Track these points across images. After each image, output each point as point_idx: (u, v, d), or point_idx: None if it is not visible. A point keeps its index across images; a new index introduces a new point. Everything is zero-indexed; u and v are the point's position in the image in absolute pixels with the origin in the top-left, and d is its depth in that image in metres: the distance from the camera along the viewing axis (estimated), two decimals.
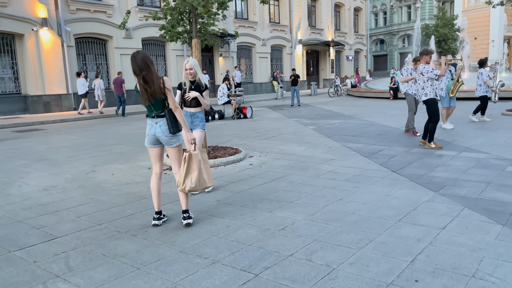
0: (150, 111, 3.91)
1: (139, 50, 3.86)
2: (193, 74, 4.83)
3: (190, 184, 3.90)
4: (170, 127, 3.86)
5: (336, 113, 14.41)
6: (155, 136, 3.92)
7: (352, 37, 37.89)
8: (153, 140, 3.96)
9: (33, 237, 3.78)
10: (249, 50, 27.62)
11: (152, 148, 4.02)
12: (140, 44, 20.59)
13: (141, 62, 3.70)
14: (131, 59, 3.75)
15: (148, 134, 3.96)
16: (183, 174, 3.89)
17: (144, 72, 3.70)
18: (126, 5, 19.76)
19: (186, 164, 3.90)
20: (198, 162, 3.95)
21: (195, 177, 3.90)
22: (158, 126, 3.87)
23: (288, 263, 3.08)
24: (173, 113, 3.86)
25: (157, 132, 3.89)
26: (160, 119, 3.87)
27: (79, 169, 6.74)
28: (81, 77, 16.28)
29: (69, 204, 4.80)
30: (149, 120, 3.94)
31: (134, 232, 3.84)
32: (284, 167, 6.34)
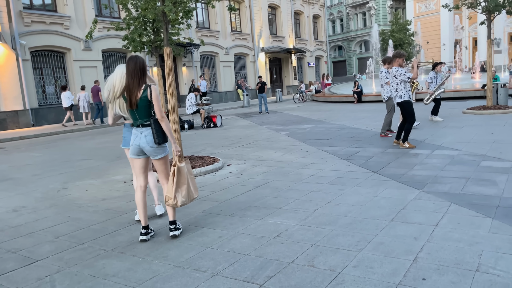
0: (134, 119, 3.72)
1: (137, 56, 3.72)
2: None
3: (181, 198, 3.77)
4: (155, 137, 3.69)
5: (305, 118, 14.54)
6: (139, 147, 3.74)
7: (312, 44, 38.64)
8: (137, 151, 3.78)
9: (11, 262, 3.48)
10: (212, 59, 27.51)
11: (136, 159, 3.83)
12: (100, 56, 20.03)
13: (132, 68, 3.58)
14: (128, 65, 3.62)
15: (132, 144, 3.77)
16: (172, 189, 3.73)
17: (131, 77, 3.57)
18: (83, 17, 19.19)
19: (176, 178, 3.74)
20: (185, 175, 3.81)
21: (184, 190, 3.78)
22: (143, 136, 3.70)
23: (291, 270, 2.99)
24: (159, 123, 3.70)
25: (142, 143, 3.72)
26: (145, 128, 3.70)
27: (48, 187, 6.36)
28: (67, 91, 16.72)
29: (44, 224, 4.49)
30: (134, 130, 3.75)
31: (122, 249, 3.62)
32: (265, 173, 6.27)
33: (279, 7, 33.49)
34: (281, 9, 33.63)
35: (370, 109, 16.01)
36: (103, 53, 20.24)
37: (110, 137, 12.73)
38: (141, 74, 3.62)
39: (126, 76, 3.64)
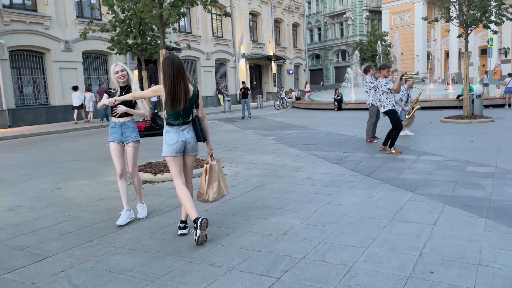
0: (176, 118, 3.74)
1: (174, 55, 3.81)
2: (125, 76, 4.34)
3: (212, 194, 3.93)
4: (200, 134, 3.85)
5: (288, 124, 14.76)
6: (184, 142, 3.78)
7: (292, 52, 39.18)
8: (180, 148, 3.79)
9: (20, 259, 3.47)
10: (193, 64, 27.51)
11: (176, 157, 3.81)
12: (80, 57, 19.73)
13: (180, 66, 3.62)
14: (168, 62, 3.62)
15: (176, 141, 3.74)
16: (205, 185, 3.90)
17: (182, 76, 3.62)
18: (64, 17, 18.90)
19: (208, 175, 3.90)
20: (217, 173, 3.95)
21: (216, 187, 3.94)
22: (186, 132, 3.78)
23: (304, 265, 3.11)
24: (201, 121, 3.85)
25: (188, 138, 3.78)
26: (185, 126, 3.78)
27: (40, 187, 6.28)
28: (78, 91, 17.88)
29: (45, 223, 4.46)
30: (174, 128, 3.76)
31: (131, 247, 3.66)
32: (259, 176, 6.39)
33: (260, 14, 33.86)
34: (262, 16, 34.01)
35: (351, 116, 16.41)
36: (83, 55, 19.94)
37: (94, 139, 12.57)
38: (186, 73, 3.70)
39: (174, 76, 3.58)
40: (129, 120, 4.42)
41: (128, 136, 4.39)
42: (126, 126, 4.39)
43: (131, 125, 4.41)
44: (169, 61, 3.63)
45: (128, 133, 4.39)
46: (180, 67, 3.63)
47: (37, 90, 18.35)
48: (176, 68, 3.60)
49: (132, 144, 4.38)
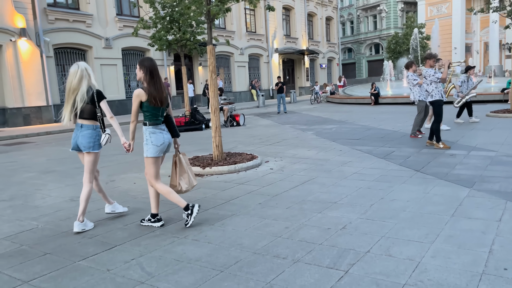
0: (157, 117, 4.01)
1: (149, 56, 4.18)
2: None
3: (184, 185, 4.21)
4: (174, 130, 4.19)
5: (326, 118, 14.65)
6: (167, 143, 4.10)
7: (324, 46, 38.75)
8: (165, 148, 4.10)
9: (91, 246, 3.64)
10: (227, 59, 27.70)
11: (159, 157, 4.12)
12: (120, 54, 20.26)
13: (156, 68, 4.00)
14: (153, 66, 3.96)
15: (163, 142, 4.02)
16: (176, 177, 4.20)
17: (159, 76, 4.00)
18: (105, 15, 19.43)
19: (178, 168, 4.20)
20: (185, 165, 4.22)
21: (186, 178, 4.24)
22: (166, 132, 4.09)
23: (369, 259, 3.11)
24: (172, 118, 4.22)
25: (169, 138, 4.12)
26: (163, 125, 4.07)
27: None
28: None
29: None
30: (158, 128, 4.01)
31: (194, 237, 3.77)
32: (306, 170, 6.39)
33: (293, 8, 33.64)
34: (295, 10, 33.78)
35: (389, 111, 16.10)
36: (122, 51, 20.46)
37: (136, 134, 12.89)
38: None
39: (156, 76, 3.93)
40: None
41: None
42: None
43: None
44: (151, 61, 4.00)
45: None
46: (157, 69, 4.01)
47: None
48: (156, 68, 3.99)
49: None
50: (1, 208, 5.05)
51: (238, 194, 5.21)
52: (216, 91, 7.12)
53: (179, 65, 23.77)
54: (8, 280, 3.05)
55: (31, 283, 2.98)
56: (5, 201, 5.39)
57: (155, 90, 3.90)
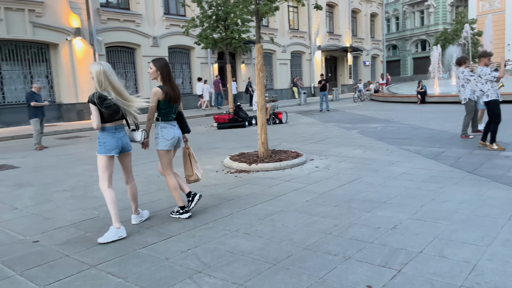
0: (170, 113, 4.26)
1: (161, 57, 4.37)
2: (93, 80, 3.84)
3: (198, 173, 4.69)
4: (185, 126, 4.54)
5: (370, 117, 14.42)
6: (178, 138, 4.36)
7: (368, 43, 37.96)
8: (175, 143, 4.36)
9: (149, 236, 3.85)
10: (269, 57, 27.78)
11: (170, 150, 4.39)
12: (166, 52, 20.83)
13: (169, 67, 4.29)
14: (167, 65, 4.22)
15: (173, 136, 4.27)
16: (191, 167, 4.63)
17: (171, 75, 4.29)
18: (153, 14, 20.06)
19: (192, 158, 4.67)
20: (194, 156, 4.72)
21: (198, 167, 4.74)
22: (176, 128, 4.35)
23: (422, 259, 3.10)
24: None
25: (179, 133, 4.38)
26: (175, 122, 4.32)
27: (147, 172, 6.83)
28: (201, 82, 21.54)
29: (161, 205, 4.88)
30: (169, 124, 4.26)
31: (245, 231, 3.89)
32: (352, 169, 6.37)
33: (337, 5, 33.19)
34: (339, 7, 33.31)
35: (437, 110, 15.60)
36: (169, 49, 21.05)
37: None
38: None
39: (169, 75, 4.22)
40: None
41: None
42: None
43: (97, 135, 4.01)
44: (164, 60, 4.24)
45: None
46: (169, 67, 4.28)
47: (128, 83, 19.75)
48: (169, 67, 4.25)
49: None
50: (64, 198, 5.42)
51: (285, 191, 5.29)
52: (263, 89, 7.23)
53: (222, 63, 24.17)
54: (76, 264, 3.30)
55: (98, 267, 3.22)
56: (67, 191, 5.77)
57: (170, 89, 4.19)
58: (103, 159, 3.92)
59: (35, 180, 6.61)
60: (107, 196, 3.89)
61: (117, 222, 3.83)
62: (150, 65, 4.27)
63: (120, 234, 3.81)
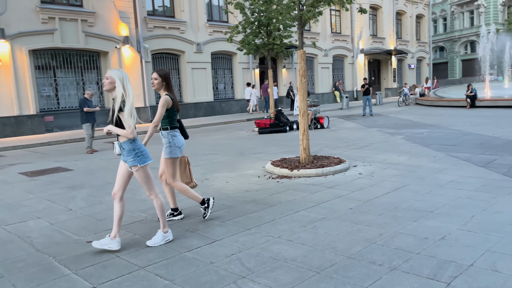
0: (175, 121, 4.43)
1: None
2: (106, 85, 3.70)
3: (194, 180, 4.88)
4: (185, 132, 4.63)
5: (416, 122, 13.99)
6: (184, 144, 4.54)
7: (414, 45, 36.86)
8: (183, 149, 4.53)
9: (194, 240, 3.96)
10: (311, 61, 27.64)
11: (179, 158, 4.53)
12: (209, 58, 21.26)
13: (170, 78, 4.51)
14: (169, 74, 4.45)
15: (183, 144, 4.46)
16: (190, 174, 4.78)
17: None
18: (197, 21, 20.54)
19: (189, 166, 4.77)
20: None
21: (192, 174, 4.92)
22: (179, 134, 4.49)
23: (473, 272, 2.99)
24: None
25: (184, 140, 4.55)
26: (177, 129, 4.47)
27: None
28: (249, 87, 22.19)
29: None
30: (177, 131, 4.43)
31: (288, 237, 3.90)
32: (397, 176, 6.22)
33: (380, 7, 32.51)
34: (383, 9, 32.60)
35: (488, 115, 14.88)
36: (212, 55, 21.46)
37: (223, 134, 13.51)
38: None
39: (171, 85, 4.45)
40: (124, 142, 3.77)
41: (126, 159, 3.80)
42: (123, 148, 3.80)
43: (126, 147, 3.77)
44: (166, 71, 4.47)
45: (125, 155, 3.79)
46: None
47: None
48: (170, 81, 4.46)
49: (133, 169, 3.78)
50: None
51: (328, 198, 5.26)
52: (305, 95, 7.22)
53: (263, 67, 24.33)
54: (127, 265, 3.45)
55: (146, 269, 3.35)
56: None
57: (175, 97, 4.42)
58: (147, 167, 3.83)
59: (87, 183, 6.96)
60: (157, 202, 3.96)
61: (165, 226, 3.95)
62: (155, 75, 4.39)
63: (168, 238, 3.93)
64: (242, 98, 22.84)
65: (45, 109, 16.09)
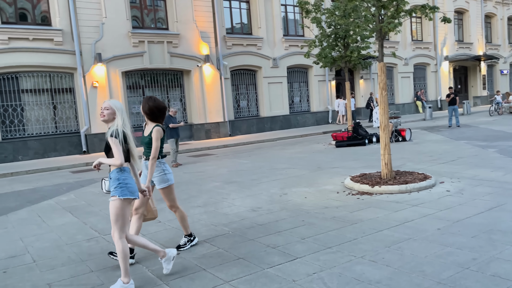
0: (163, 149, 4.36)
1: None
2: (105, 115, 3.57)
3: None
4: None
5: (510, 133, 12.80)
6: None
7: (506, 49, 33.89)
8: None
9: (275, 256, 4.02)
10: (390, 70, 26.67)
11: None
12: (285, 72, 21.52)
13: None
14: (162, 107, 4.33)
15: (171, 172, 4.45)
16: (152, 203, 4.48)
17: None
18: (273, 37, 20.96)
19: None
20: None
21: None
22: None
23: None
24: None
25: None
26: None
27: (270, 191, 7.11)
28: (339, 99, 22.84)
29: (285, 225, 5.03)
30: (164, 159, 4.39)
31: (371, 258, 3.80)
32: (491, 194, 5.74)
33: (467, 11, 30.45)
34: (470, 13, 30.49)
35: None
36: (287, 69, 21.71)
37: (300, 148, 13.52)
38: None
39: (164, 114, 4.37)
40: (111, 171, 3.57)
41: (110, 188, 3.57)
42: (110, 178, 3.59)
43: (112, 176, 3.55)
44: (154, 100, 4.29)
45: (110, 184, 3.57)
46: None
47: (250, 104, 20.91)
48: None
49: (111, 199, 3.51)
50: (198, 213, 5.96)
51: (413, 216, 5.02)
52: (386, 108, 7.01)
53: (339, 79, 24.02)
54: (212, 278, 3.61)
55: (231, 283, 3.47)
56: (200, 207, 6.34)
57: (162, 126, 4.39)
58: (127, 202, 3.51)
59: None
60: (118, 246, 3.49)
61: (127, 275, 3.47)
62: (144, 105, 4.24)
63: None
64: (318, 110, 22.72)
65: (134, 125, 17.42)
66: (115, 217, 3.47)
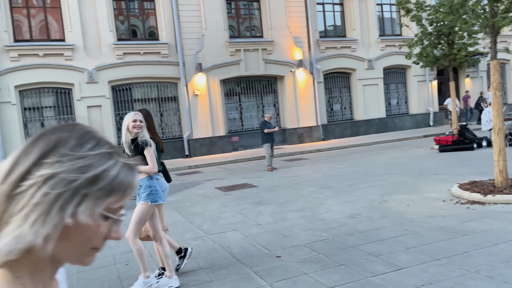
0: (159, 163, 3.99)
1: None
2: (141, 128, 3.75)
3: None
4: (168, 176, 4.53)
5: None
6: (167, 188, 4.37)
7: None
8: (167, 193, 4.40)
9: (378, 265, 3.92)
10: (502, 67, 24.11)
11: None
12: (381, 74, 20.73)
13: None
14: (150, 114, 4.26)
15: (167, 187, 4.23)
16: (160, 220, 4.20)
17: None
18: (368, 38, 20.35)
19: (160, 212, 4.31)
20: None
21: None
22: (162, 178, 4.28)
23: None
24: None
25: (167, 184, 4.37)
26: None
27: (368, 197, 6.93)
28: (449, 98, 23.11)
29: (387, 234, 4.87)
30: (159, 174, 4.09)
31: (487, 273, 3.52)
32: None
33: None
34: None
35: None
36: (383, 70, 20.89)
37: (399, 152, 12.90)
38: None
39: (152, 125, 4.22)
40: (143, 178, 3.74)
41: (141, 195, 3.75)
42: (139, 185, 3.71)
43: (143, 183, 3.74)
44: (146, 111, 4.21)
45: (140, 192, 3.75)
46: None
47: (344, 107, 20.54)
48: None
49: (141, 203, 3.73)
50: (296, 218, 6.04)
51: None
52: (500, 110, 6.40)
53: (442, 79, 22.43)
54: (314, 283, 3.65)
55: None
56: (297, 211, 6.42)
57: (159, 138, 4.18)
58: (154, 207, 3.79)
59: (270, 199, 7.59)
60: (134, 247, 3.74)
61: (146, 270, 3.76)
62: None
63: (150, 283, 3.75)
64: (417, 112, 21.51)
65: (231, 130, 18.21)
66: (138, 220, 3.67)
